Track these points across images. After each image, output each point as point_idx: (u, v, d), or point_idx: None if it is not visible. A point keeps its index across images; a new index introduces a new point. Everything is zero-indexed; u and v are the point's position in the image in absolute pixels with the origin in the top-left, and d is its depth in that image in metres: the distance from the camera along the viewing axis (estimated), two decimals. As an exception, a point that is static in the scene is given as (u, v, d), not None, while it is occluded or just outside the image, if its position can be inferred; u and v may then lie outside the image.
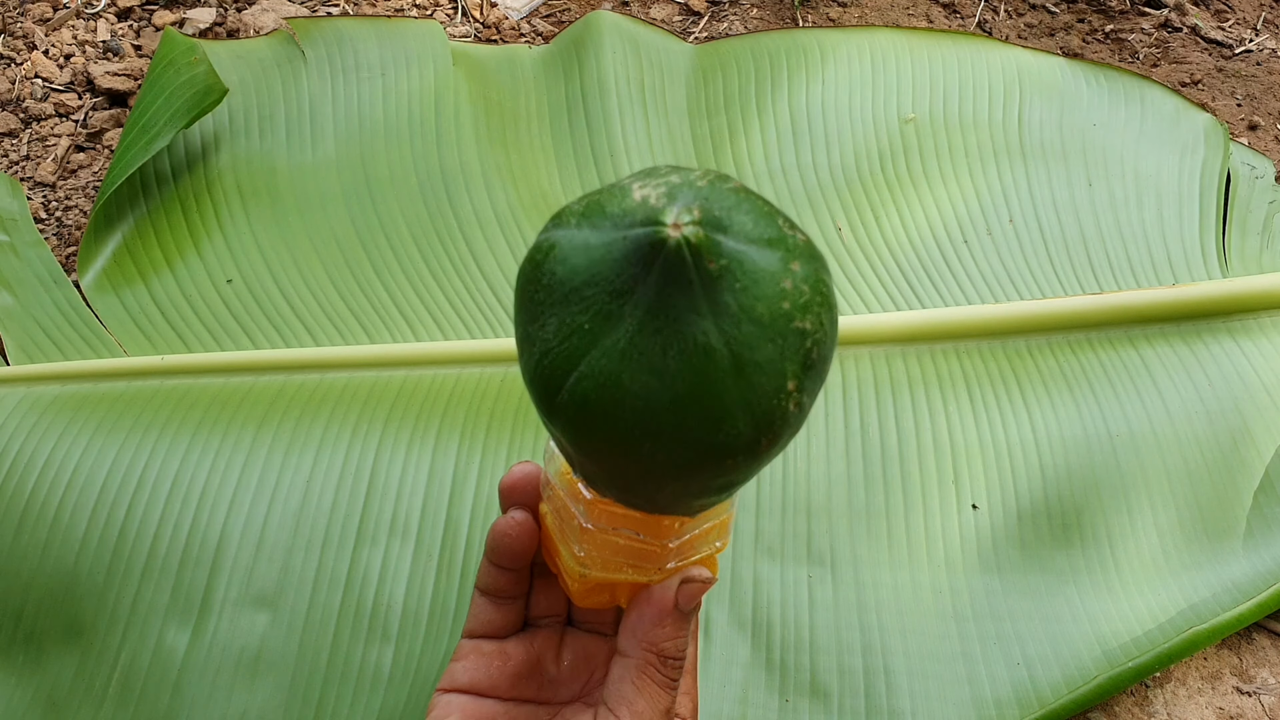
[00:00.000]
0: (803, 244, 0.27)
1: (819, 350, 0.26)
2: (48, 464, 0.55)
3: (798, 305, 0.26)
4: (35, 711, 0.49)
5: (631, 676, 0.34)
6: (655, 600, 0.35)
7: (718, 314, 0.25)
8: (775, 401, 0.26)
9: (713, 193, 0.26)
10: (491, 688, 0.39)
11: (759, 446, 0.27)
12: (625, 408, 0.26)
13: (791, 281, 0.26)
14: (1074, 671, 0.49)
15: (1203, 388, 0.58)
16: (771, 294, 0.25)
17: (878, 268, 0.63)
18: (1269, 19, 0.87)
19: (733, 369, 0.25)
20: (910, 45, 0.73)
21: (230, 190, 0.66)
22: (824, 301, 0.27)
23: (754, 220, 0.26)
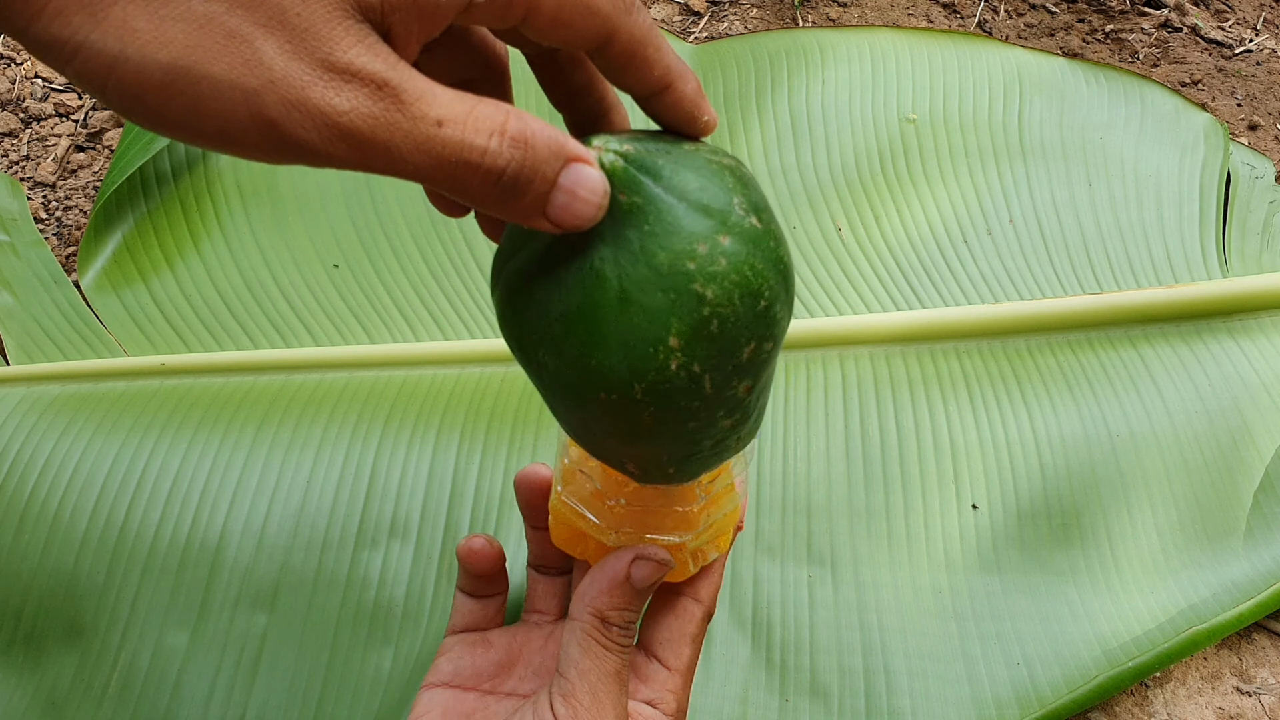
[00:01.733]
0: (751, 229, 0.27)
1: (721, 326, 0.26)
2: (48, 464, 0.55)
3: (705, 271, 0.26)
4: (35, 711, 0.49)
5: (577, 639, 0.35)
6: (606, 568, 0.36)
7: (618, 245, 0.26)
8: (651, 350, 0.26)
9: (677, 152, 0.28)
10: (474, 677, 0.39)
11: (632, 391, 0.27)
12: (529, 310, 0.28)
13: (709, 249, 0.26)
14: (1074, 671, 0.49)
15: (1203, 388, 0.58)
16: (679, 249, 0.26)
17: (878, 268, 0.63)
18: (1269, 19, 0.87)
19: (617, 301, 0.26)
20: (910, 45, 0.73)
21: (230, 190, 0.66)
22: (744, 285, 0.27)
23: (702, 186, 0.27)
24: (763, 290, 0.27)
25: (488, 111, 0.24)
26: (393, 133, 0.23)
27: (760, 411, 0.33)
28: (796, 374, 0.59)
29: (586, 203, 0.26)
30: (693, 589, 0.40)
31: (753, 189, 0.28)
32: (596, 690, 0.35)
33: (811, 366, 0.59)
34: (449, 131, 0.23)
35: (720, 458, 0.33)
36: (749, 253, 0.27)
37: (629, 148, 0.27)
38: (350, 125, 0.22)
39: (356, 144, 0.23)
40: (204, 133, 0.22)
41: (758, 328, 0.27)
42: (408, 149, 0.23)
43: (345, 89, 0.22)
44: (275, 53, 0.22)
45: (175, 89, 0.22)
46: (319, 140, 0.22)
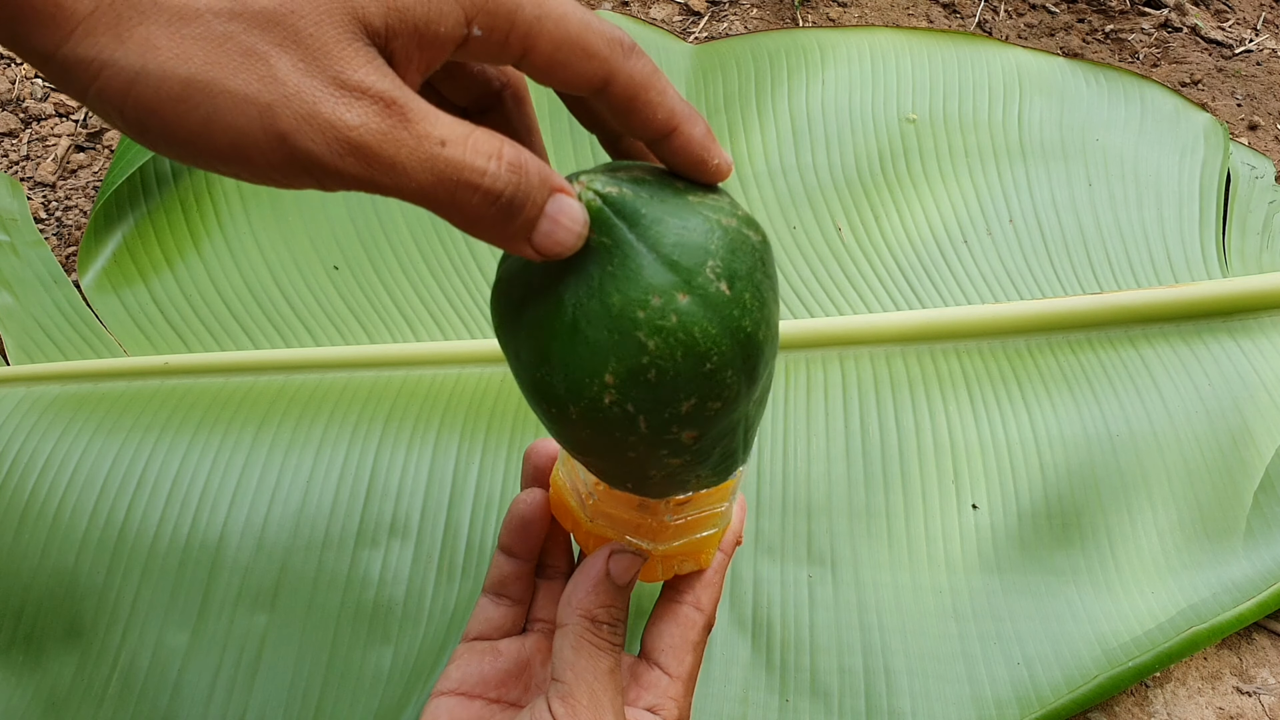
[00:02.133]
0: (715, 294, 0.28)
1: (659, 377, 0.27)
2: (48, 464, 0.55)
3: (652, 323, 0.27)
4: (35, 711, 0.49)
5: (569, 641, 0.36)
6: (587, 570, 0.37)
7: (579, 277, 0.28)
8: (588, 380, 0.28)
9: (673, 202, 0.28)
10: (482, 685, 0.40)
11: (569, 411, 0.29)
12: (508, 308, 0.30)
13: (663, 303, 0.27)
14: (1074, 671, 0.49)
15: (1203, 388, 0.58)
16: (633, 296, 0.27)
17: (878, 268, 0.63)
18: (1269, 19, 0.87)
19: (569, 328, 0.28)
20: (910, 45, 0.73)
21: (230, 190, 0.66)
22: (690, 346, 0.27)
23: (679, 242, 0.28)
24: (710, 354, 0.28)
25: (485, 137, 0.25)
26: (399, 149, 0.24)
27: (725, 458, 0.33)
28: (796, 374, 0.59)
29: (568, 231, 0.27)
30: (694, 597, 0.40)
31: (740, 254, 0.29)
32: (594, 689, 0.35)
33: (811, 366, 0.59)
34: (451, 151, 0.24)
35: (681, 489, 0.34)
36: (704, 316, 0.27)
37: (612, 189, 0.28)
38: (360, 140, 0.23)
39: (365, 158, 0.24)
40: (217, 147, 0.23)
41: (700, 387, 0.28)
42: (413, 166, 0.24)
43: (355, 105, 0.23)
44: (289, 70, 0.23)
45: (192, 102, 0.23)
46: (329, 154, 0.23)
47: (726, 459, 0.34)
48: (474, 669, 0.40)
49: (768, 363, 0.31)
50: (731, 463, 0.34)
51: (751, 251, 0.29)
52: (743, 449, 0.34)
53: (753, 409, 0.33)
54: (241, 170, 0.24)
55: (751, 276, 0.29)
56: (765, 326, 0.29)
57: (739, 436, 0.33)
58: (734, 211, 0.30)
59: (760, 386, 0.31)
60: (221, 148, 0.23)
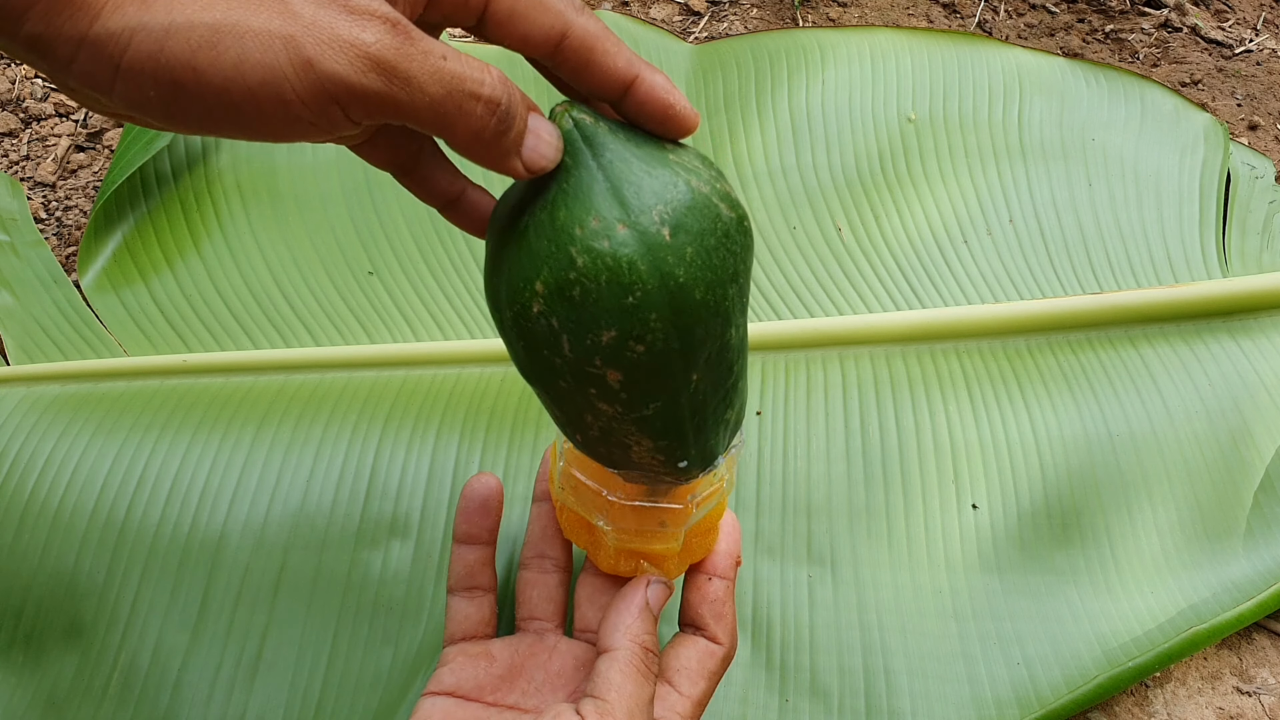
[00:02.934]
0: (654, 236, 0.29)
1: (583, 296, 0.29)
2: (48, 464, 0.55)
3: (585, 243, 0.29)
4: (35, 711, 0.49)
5: (620, 666, 0.37)
6: (630, 599, 0.39)
7: (541, 193, 0.30)
8: (522, 285, 0.30)
9: (646, 147, 0.30)
10: (476, 689, 0.40)
11: (505, 316, 0.31)
12: (496, 217, 0.33)
13: (600, 228, 0.29)
14: (1074, 671, 0.49)
15: (1203, 388, 0.58)
16: (576, 214, 0.29)
17: (878, 268, 0.63)
18: (1269, 19, 0.87)
19: (519, 236, 0.30)
20: (910, 45, 0.73)
21: (230, 190, 0.66)
22: (615, 274, 0.28)
23: (635, 182, 0.29)
24: (633, 287, 0.29)
25: (470, 58, 0.27)
26: (411, 63, 0.26)
27: (672, 438, 0.34)
28: (796, 374, 0.59)
29: (548, 144, 0.29)
30: (712, 633, 0.41)
31: (697, 215, 0.29)
32: (633, 713, 0.36)
33: (811, 366, 0.59)
34: (453, 65, 0.26)
35: (624, 454, 0.35)
36: (636, 250, 0.29)
37: (587, 118, 0.30)
38: (379, 54, 0.25)
39: (386, 73, 0.25)
40: (250, 86, 0.25)
41: (621, 320, 0.29)
42: (424, 78, 0.26)
43: (369, 25, 0.25)
44: (303, 3, 0.25)
45: (223, 46, 0.24)
46: (353, 72, 0.25)
47: (674, 442, 0.34)
48: (468, 673, 0.40)
49: (713, 337, 0.31)
50: (682, 452, 0.35)
51: (714, 220, 0.30)
52: (694, 441, 0.35)
53: (703, 392, 0.33)
54: (273, 113, 0.25)
55: (703, 239, 0.30)
56: (708, 292, 0.30)
57: (684, 419, 0.33)
58: (712, 183, 0.31)
59: (705, 363, 0.32)
60: (254, 86, 0.24)
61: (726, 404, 0.35)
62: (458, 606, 0.43)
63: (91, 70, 0.25)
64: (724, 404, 0.35)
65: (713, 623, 0.41)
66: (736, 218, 0.31)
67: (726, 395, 0.34)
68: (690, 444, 0.35)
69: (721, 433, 0.36)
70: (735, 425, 0.37)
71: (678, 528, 0.39)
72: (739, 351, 0.33)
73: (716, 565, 0.42)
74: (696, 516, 0.40)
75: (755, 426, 0.56)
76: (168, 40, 0.24)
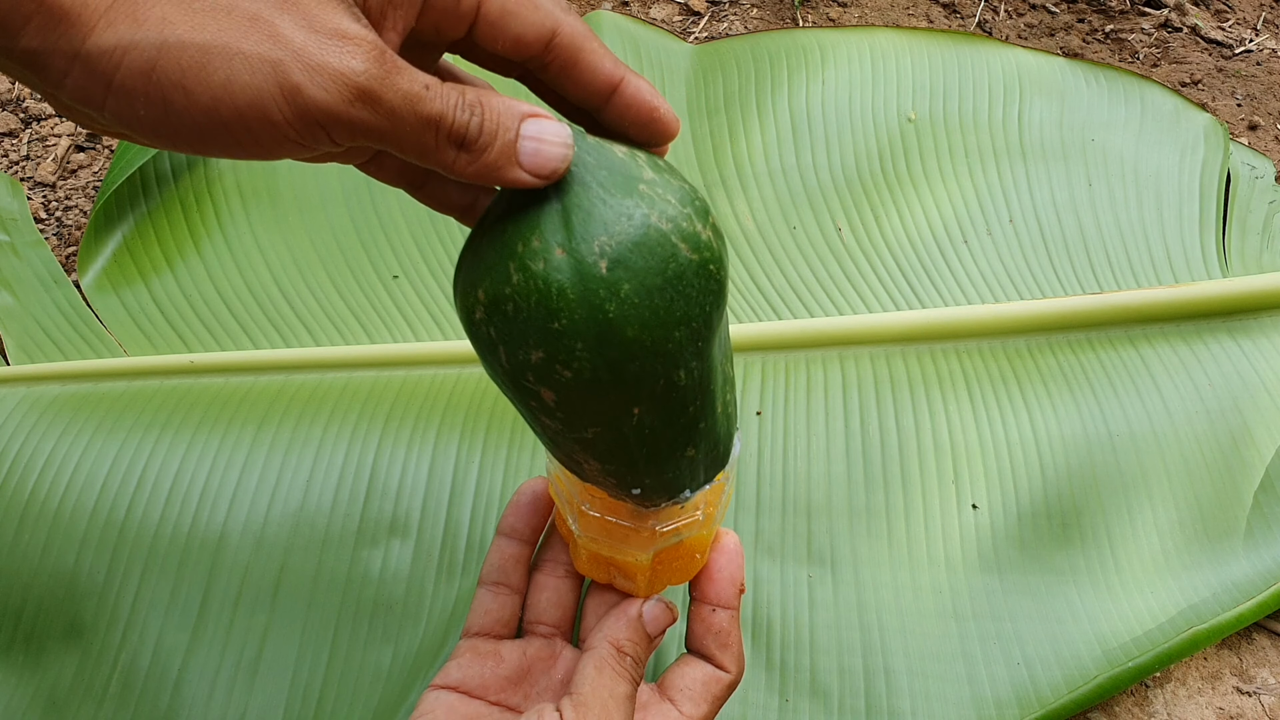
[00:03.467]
0: (589, 268, 0.28)
1: (515, 312, 0.29)
2: (48, 464, 0.55)
3: (522, 260, 0.29)
4: (35, 711, 0.49)
5: (594, 663, 0.38)
6: (623, 609, 0.40)
7: (509, 204, 0.30)
8: (470, 290, 0.30)
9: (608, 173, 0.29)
10: (481, 688, 0.40)
11: (459, 312, 0.31)
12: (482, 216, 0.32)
13: (540, 248, 0.29)
14: (1074, 671, 0.49)
15: (1203, 388, 0.58)
16: (522, 230, 0.29)
17: (878, 268, 0.63)
18: (1269, 19, 0.87)
19: (480, 239, 0.31)
20: (910, 45, 0.73)
21: (230, 190, 0.66)
22: (543, 298, 0.28)
23: (589, 209, 0.29)
24: (559, 314, 0.28)
25: (449, 85, 0.28)
26: (394, 94, 0.26)
27: (621, 464, 0.34)
28: (796, 374, 0.59)
29: (554, 145, 0.28)
30: (719, 660, 0.41)
31: (648, 255, 0.29)
32: (608, 706, 0.37)
33: (811, 366, 0.59)
34: (433, 94, 0.27)
35: (579, 470, 0.35)
36: (568, 277, 0.28)
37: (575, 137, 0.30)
38: (365, 85, 0.25)
39: (371, 102, 0.26)
40: (239, 106, 0.25)
41: (546, 343, 0.29)
42: (405, 110, 0.26)
43: (357, 53, 0.25)
44: (292, 28, 0.25)
45: (212, 67, 0.24)
46: (340, 102, 0.25)
47: (622, 469, 0.34)
48: (475, 670, 0.40)
49: (653, 375, 0.30)
50: (633, 480, 0.35)
51: (665, 259, 0.29)
52: (647, 471, 0.34)
53: (650, 426, 0.32)
54: (261, 133, 0.25)
55: (645, 277, 0.29)
56: (643, 332, 0.29)
57: (631, 448, 0.33)
58: (678, 220, 0.29)
59: (649, 398, 0.31)
60: (242, 107, 0.25)
61: (686, 441, 0.34)
62: (482, 599, 0.43)
63: (85, 86, 0.25)
64: (683, 441, 0.34)
65: (718, 652, 0.41)
66: (697, 261, 0.29)
67: (686, 433, 0.34)
68: (642, 474, 0.35)
69: (684, 468, 0.35)
70: (711, 463, 0.37)
71: (640, 550, 0.39)
72: (697, 392, 0.32)
73: (720, 595, 0.41)
74: (662, 544, 0.39)
75: (755, 426, 0.56)
76: (160, 59, 0.24)
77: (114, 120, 0.26)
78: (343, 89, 0.25)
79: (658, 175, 0.30)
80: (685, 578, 0.42)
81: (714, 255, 0.30)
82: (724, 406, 0.35)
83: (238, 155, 0.27)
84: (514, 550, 0.43)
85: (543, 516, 0.44)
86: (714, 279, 0.30)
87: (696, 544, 0.40)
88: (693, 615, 0.42)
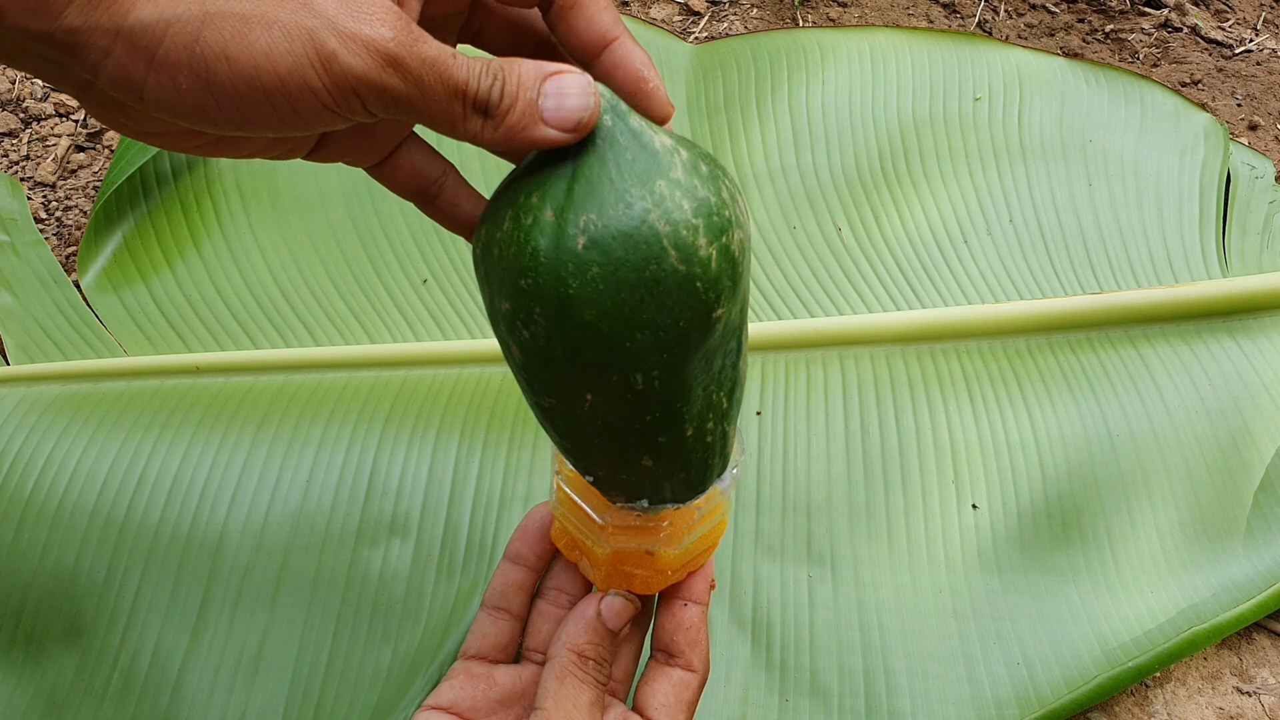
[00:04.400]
0: (567, 241, 0.28)
1: (498, 258, 0.30)
2: (48, 463, 0.55)
3: (515, 213, 0.29)
4: (35, 711, 0.49)
5: (554, 673, 0.38)
6: (580, 610, 0.39)
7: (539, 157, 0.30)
8: (479, 228, 0.31)
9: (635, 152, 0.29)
10: (472, 709, 0.40)
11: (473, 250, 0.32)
12: None
13: (533, 205, 0.29)
14: (1074, 671, 0.49)
15: (1203, 388, 0.58)
16: (529, 185, 0.29)
17: (878, 268, 0.63)
18: (1269, 19, 0.87)
19: (499, 189, 0.31)
20: (910, 45, 0.73)
21: (230, 190, 0.66)
22: (519, 251, 0.29)
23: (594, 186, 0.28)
24: (526, 273, 0.29)
25: (468, 58, 0.28)
26: (419, 61, 0.27)
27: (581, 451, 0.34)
28: (796, 374, 0.59)
29: (577, 98, 0.28)
30: (685, 660, 0.40)
31: (627, 244, 0.28)
32: (571, 716, 0.36)
33: (811, 366, 0.59)
34: (458, 62, 0.27)
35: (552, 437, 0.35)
36: (546, 243, 0.29)
37: (621, 105, 0.30)
38: (396, 52, 0.26)
39: (401, 69, 0.26)
40: (279, 73, 0.26)
41: (515, 299, 0.30)
42: (431, 77, 0.27)
43: (386, 21, 0.26)
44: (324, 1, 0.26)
45: (253, 36, 0.25)
46: (372, 67, 0.26)
47: (577, 452, 0.34)
48: (467, 693, 0.40)
49: (608, 367, 0.30)
50: (586, 466, 0.35)
51: (648, 260, 0.28)
52: (602, 464, 0.34)
53: (606, 419, 0.32)
54: (301, 100, 0.26)
55: (619, 269, 0.28)
56: (602, 320, 0.29)
57: (587, 434, 0.33)
58: (679, 227, 0.28)
59: (605, 390, 0.31)
60: (284, 74, 0.26)
61: (643, 450, 0.33)
62: (481, 623, 0.42)
63: (126, 64, 0.25)
64: (638, 448, 0.33)
65: (687, 649, 0.40)
66: (684, 273, 0.28)
67: (643, 441, 0.33)
68: (595, 464, 0.34)
69: (644, 478, 0.35)
70: (680, 486, 0.36)
71: (598, 543, 0.39)
72: (658, 404, 0.31)
73: (692, 590, 0.41)
74: (620, 544, 0.39)
75: (755, 426, 0.56)
76: (203, 29, 0.25)
77: (152, 102, 0.26)
78: (374, 55, 0.26)
79: (687, 178, 0.29)
80: (646, 590, 0.40)
81: (707, 275, 0.29)
82: (698, 432, 0.34)
83: (273, 129, 0.27)
84: (518, 576, 0.43)
85: (549, 544, 0.43)
86: (698, 298, 0.29)
87: (663, 561, 0.39)
88: (663, 610, 0.41)
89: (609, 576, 0.40)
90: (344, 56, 0.26)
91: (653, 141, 0.29)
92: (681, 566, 0.40)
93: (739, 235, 0.30)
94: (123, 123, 0.29)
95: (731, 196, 0.30)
